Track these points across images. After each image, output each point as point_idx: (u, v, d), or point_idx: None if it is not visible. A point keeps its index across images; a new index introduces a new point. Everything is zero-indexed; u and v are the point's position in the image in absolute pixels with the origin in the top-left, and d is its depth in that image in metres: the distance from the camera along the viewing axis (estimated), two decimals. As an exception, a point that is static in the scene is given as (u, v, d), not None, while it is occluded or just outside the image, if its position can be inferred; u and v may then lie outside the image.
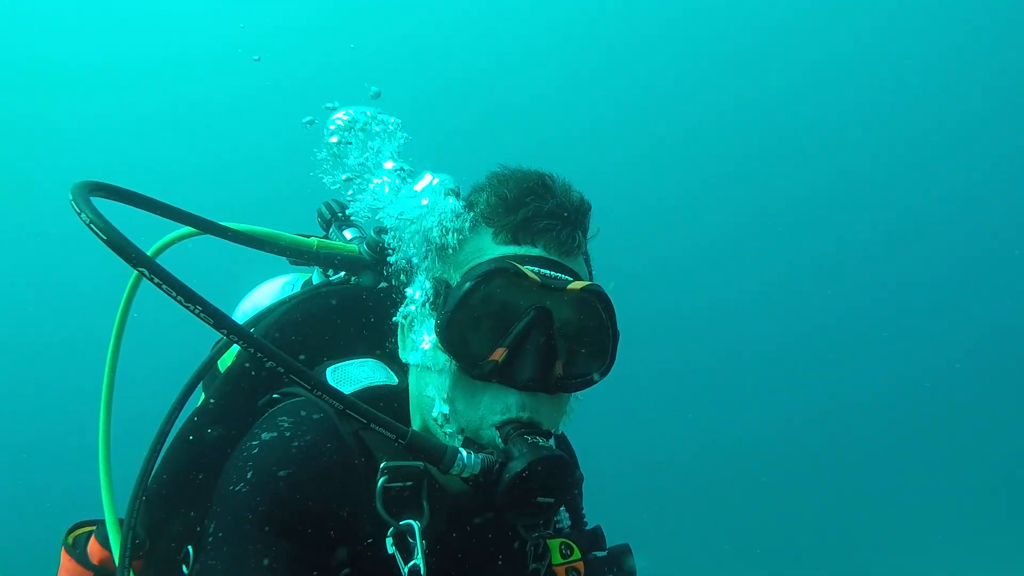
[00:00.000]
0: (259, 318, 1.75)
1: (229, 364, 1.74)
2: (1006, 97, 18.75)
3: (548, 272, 1.37)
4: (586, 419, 1.55)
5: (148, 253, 1.35)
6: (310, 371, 1.27)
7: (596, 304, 1.41)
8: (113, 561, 1.61)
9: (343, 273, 1.85)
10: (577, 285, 1.37)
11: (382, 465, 1.41)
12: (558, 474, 1.32)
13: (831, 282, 18.98)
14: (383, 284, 1.85)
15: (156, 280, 1.18)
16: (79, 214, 1.23)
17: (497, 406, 1.36)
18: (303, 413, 1.46)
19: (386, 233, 1.82)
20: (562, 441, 1.82)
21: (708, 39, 19.37)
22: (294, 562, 1.34)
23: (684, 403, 17.02)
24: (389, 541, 1.37)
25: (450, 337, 1.37)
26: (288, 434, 1.41)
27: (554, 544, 1.68)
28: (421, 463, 1.43)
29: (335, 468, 1.40)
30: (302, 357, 1.67)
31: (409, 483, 1.42)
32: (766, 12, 18.74)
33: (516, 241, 1.40)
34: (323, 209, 2.07)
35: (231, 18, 17.40)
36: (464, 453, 1.32)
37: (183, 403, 1.63)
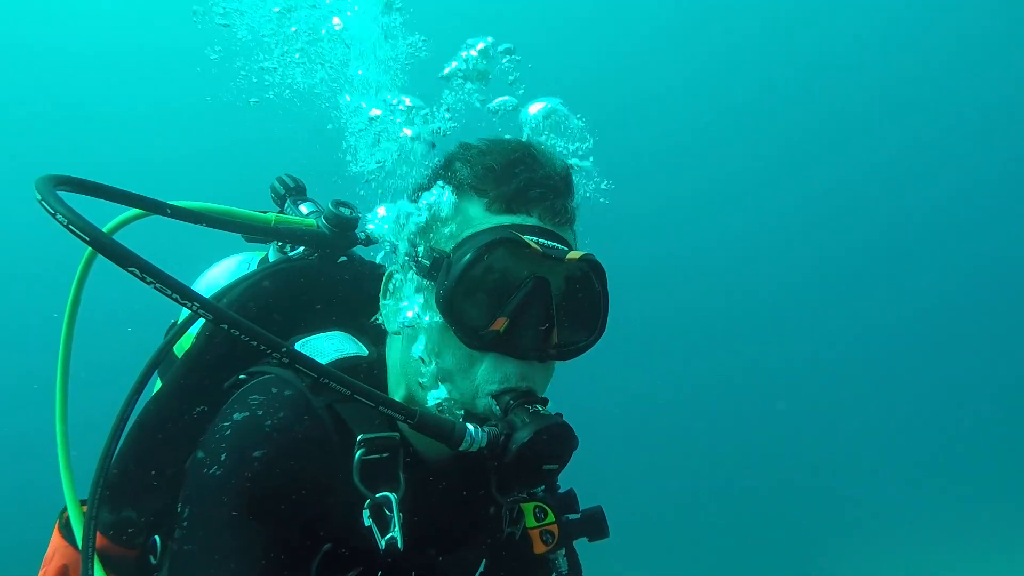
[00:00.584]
0: (218, 298, 1.70)
1: (187, 348, 1.70)
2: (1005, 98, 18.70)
3: (546, 242, 1.37)
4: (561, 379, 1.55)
5: None
6: (324, 366, 1.26)
7: (591, 273, 1.44)
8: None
9: (301, 249, 1.82)
10: (575, 255, 1.38)
11: (359, 438, 1.41)
12: (562, 440, 1.35)
13: (833, 280, 18.66)
14: (343, 258, 1.82)
15: (149, 280, 1.13)
16: (54, 215, 1.15)
17: (495, 376, 1.37)
18: (274, 390, 1.44)
19: (345, 206, 1.79)
20: None
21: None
22: (272, 542, 1.33)
23: (675, 389, 16.75)
24: (366, 514, 1.37)
25: (452, 308, 1.36)
26: (260, 412, 1.39)
27: (528, 508, 1.71)
28: (397, 434, 1.44)
29: (310, 444, 1.39)
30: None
31: (386, 455, 1.42)
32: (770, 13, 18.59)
33: (511, 211, 1.39)
34: (276, 184, 2.02)
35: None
36: (471, 428, 1.33)
37: (140, 390, 1.58)
